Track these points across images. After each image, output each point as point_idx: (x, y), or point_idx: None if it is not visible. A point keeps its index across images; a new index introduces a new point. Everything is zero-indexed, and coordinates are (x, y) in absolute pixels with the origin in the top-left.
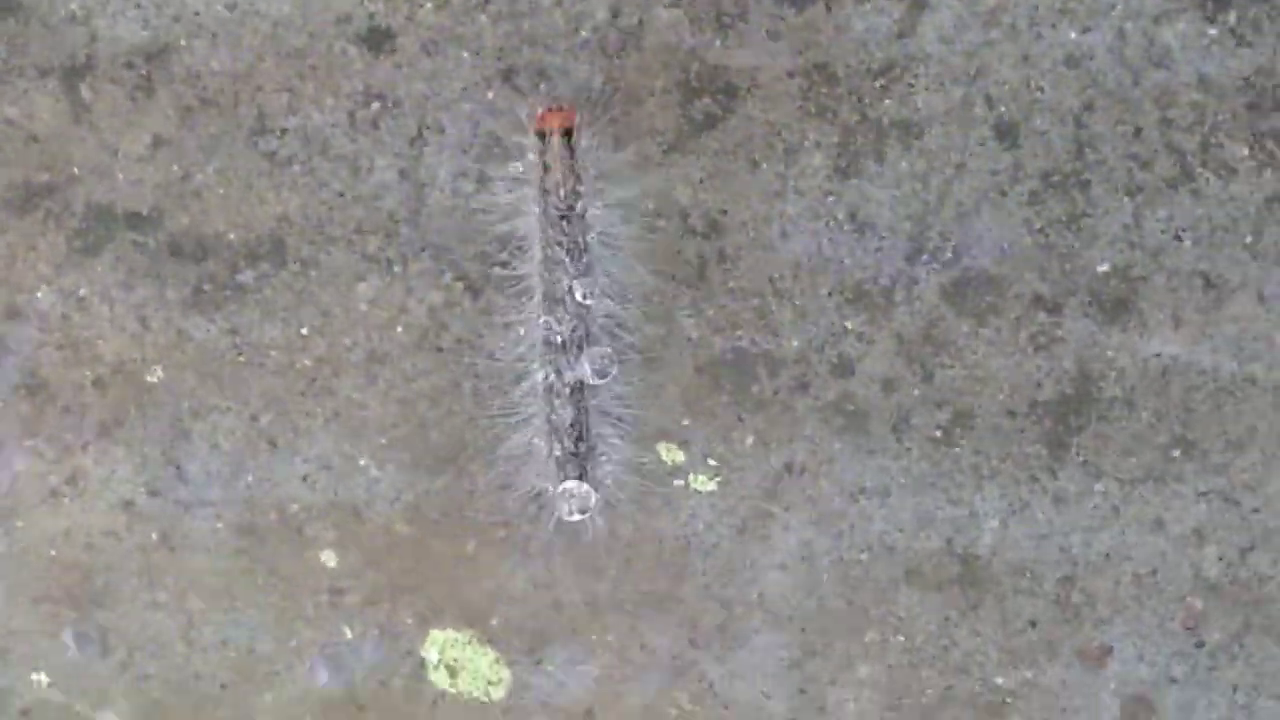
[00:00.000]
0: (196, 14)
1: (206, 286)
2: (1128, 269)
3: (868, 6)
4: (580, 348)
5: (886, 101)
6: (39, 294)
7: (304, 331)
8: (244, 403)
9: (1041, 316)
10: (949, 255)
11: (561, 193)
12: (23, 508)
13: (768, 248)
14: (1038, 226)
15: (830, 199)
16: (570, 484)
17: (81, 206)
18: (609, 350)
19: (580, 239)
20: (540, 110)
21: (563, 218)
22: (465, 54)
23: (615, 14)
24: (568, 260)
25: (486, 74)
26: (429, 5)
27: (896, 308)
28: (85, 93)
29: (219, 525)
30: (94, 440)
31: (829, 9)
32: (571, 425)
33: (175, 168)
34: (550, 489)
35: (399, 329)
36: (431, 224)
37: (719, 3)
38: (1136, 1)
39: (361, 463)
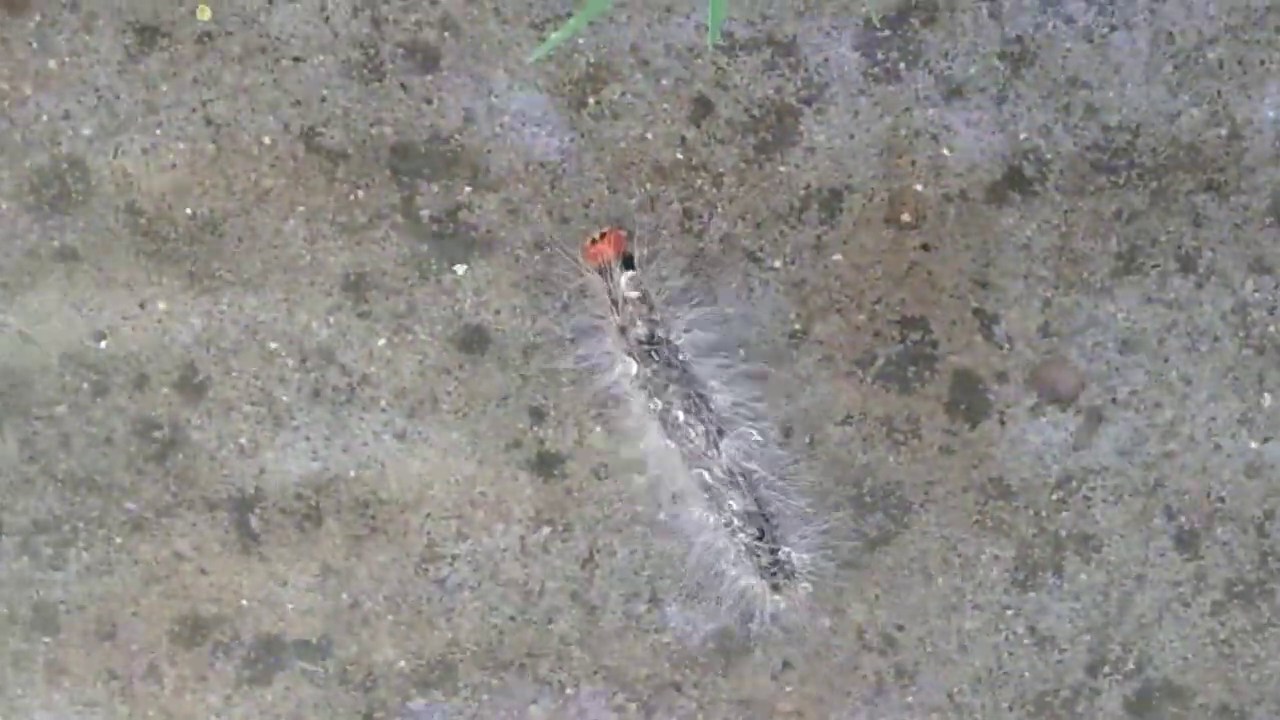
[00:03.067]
0: (365, 445)
1: (378, 715)
2: None
3: (1043, 420)
4: (716, 440)
5: (1064, 514)
6: None
7: None
8: None
9: None
10: (1131, 666)
11: (639, 325)
12: None
13: (946, 662)
14: (1222, 637)
15: (1009, 612)
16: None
17: (250, 637)
18: (747, 430)
19: (673, 359)
20: (590, 242)
21: (648, 347)
22: (635, 476)
23: (787, 433)
24: (669, 385)
25: (658, 496)
26: (597, 430)
27: None
28: (254, 524)
29: None
30: None
31: (1003, 423)
32: (749, 513)
33: (344, 596)
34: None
35: None
36: (604, 646)
37: (891, 419)
38: None
39: None
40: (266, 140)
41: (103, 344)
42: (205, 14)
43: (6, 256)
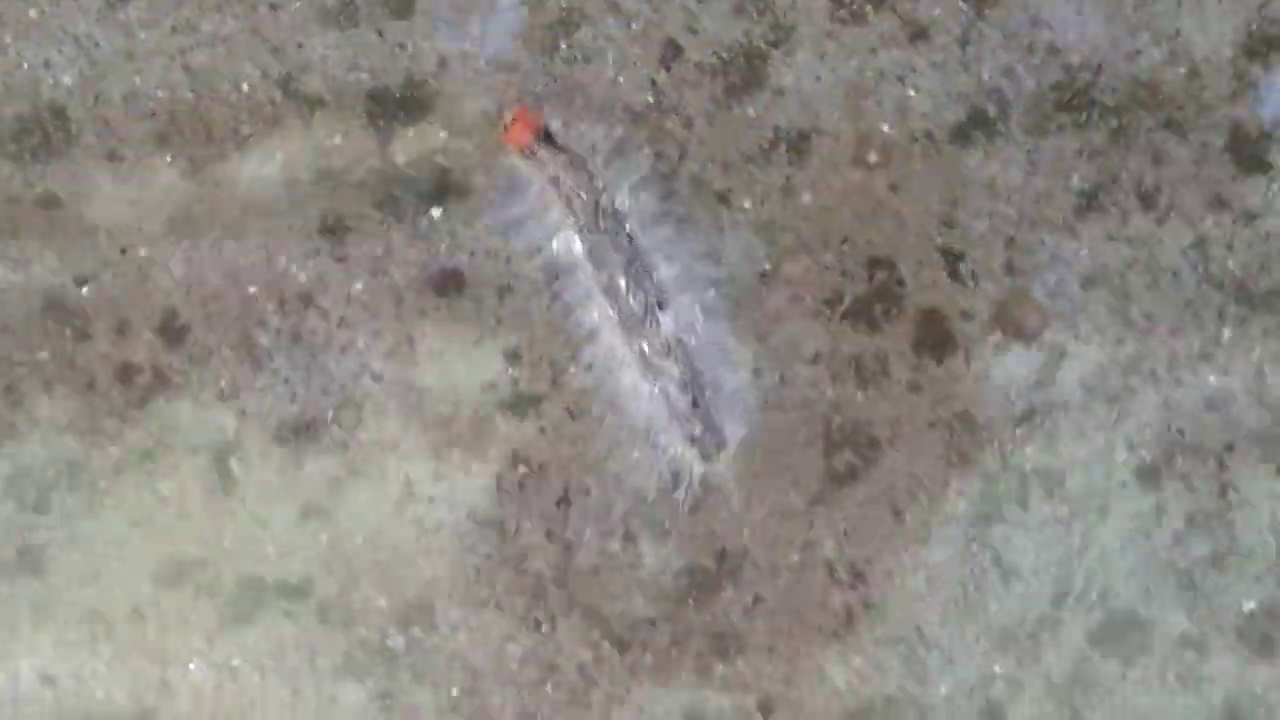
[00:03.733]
0: (343, 387)
1: (357, 653)
2: (1274, 607)
3: (1008, 356)
4: (656, 311)
5: (1028, 449)
6: (191, 666)
7: (454, 693)
8: None
9: (1189, 656)
10: (1094, 598)
11: (582, 194)
12: None
13: (913, 595)
14: (1182, 566)
15: (974, 545)
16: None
17: (232, 578)
18: (687, 301)
19: (618, 229)
20: (503, 129)
21: (594, 218)
22: (609, 415)
23: (757, 373)
24: (613, 254)
25: (632, 432)
26: (572, 370)
27: (1044, 651)
28: (235, 467)
29: None
30: None
31: (968, 361)
32: (683, 383)
33: (324, 537)
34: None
35: (549, 687)
36: (579, 583)
37: (859, 358)
38: (1276, 345)
39: None
40: (245, 87)
41: (84, 290)
42: None
43: None
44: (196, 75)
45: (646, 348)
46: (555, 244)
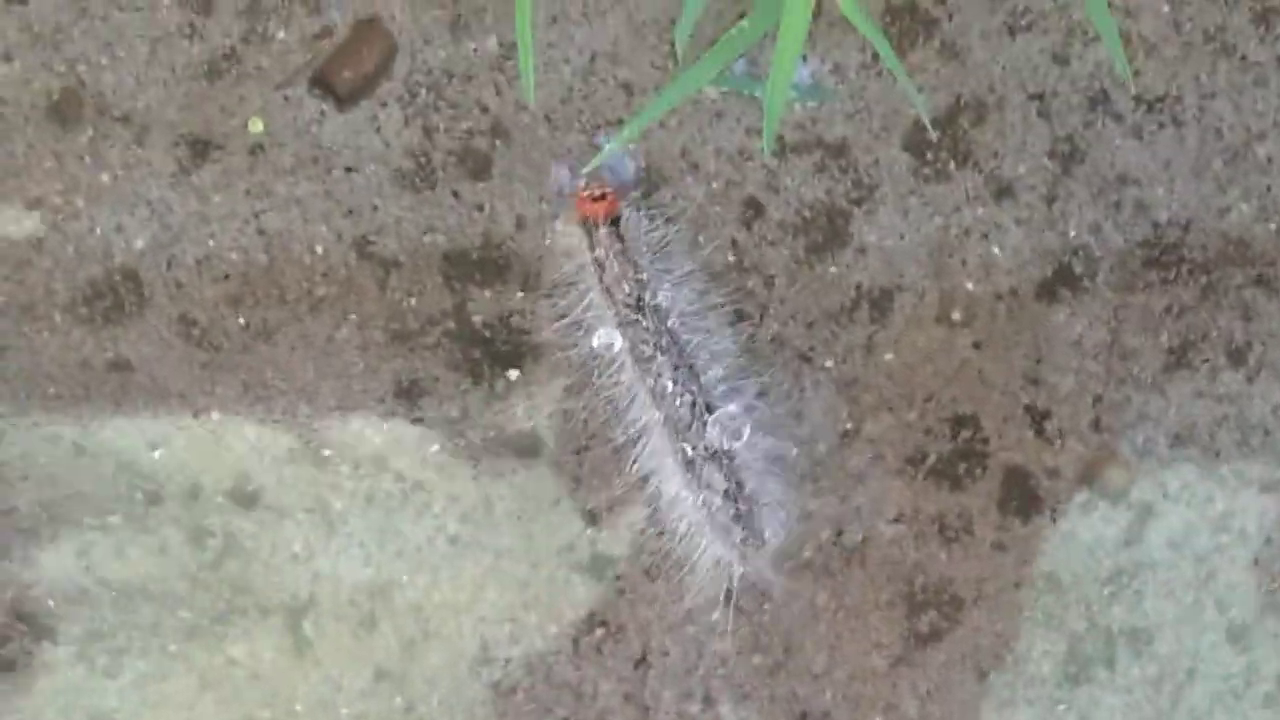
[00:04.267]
0: (419, 549)
1: None
2: None
3: (1095, 515)
4: (704, 414)
5: (1115, 608)
6: None
7: None
8: None
9: None
10: None
11: (625, 286)
12: None
13: None
14: None
15: (1061, 707)
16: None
17: None
18: (734, 410)
19: (660, 325)
20: (582, 196)
21: (634, 311)
22: (687, 577)
23: (839, 531)
24: (658, 355)
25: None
26: (650, 530)
27: None
28: (308, 629)
29: None
30: None
31: (1054, 519)
32: (725, 492)
33: (398, 700)
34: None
35: None
36: None
37: (943, 516)
38: None
39: None
40: (319, 249)
41: (156, 454)
42: (258, 126)
43: (61, 368)
44: (270, 238)
45: (691, 452)
46: (596, 340)
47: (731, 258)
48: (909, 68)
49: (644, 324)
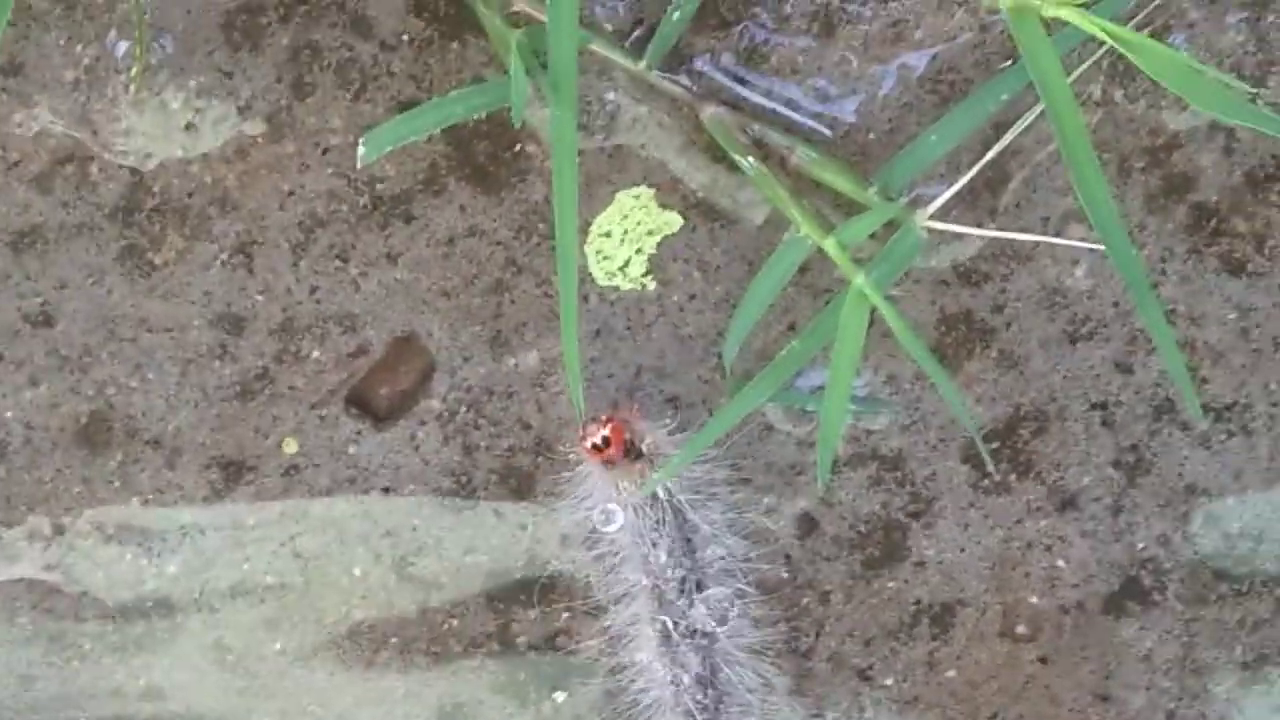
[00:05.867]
0: None
1: None
2: None
3: None
4: (693, 592)
5: None
6: None
7: None
8: None
9: None
10: None
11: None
12: None
13: None
14: None
15: None
16: None
17: None
18: (726, 591)
19: (668, 517)
20: (591, 448)
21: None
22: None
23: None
24: (663, 541)
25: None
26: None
27: None
28: None
29: None
30: None
31: None
32: (699, 678)
33: None
34: None
35: None
36: None
37: None
38: None
39: None
40: (357, 572)
41: None
42: (292, 447)
43: (92, 698)
44: (307, 561)
45: (672, 626)
46: (595, 514)
47: (785, 574)
48: (965, 378)
49: (651, 516)
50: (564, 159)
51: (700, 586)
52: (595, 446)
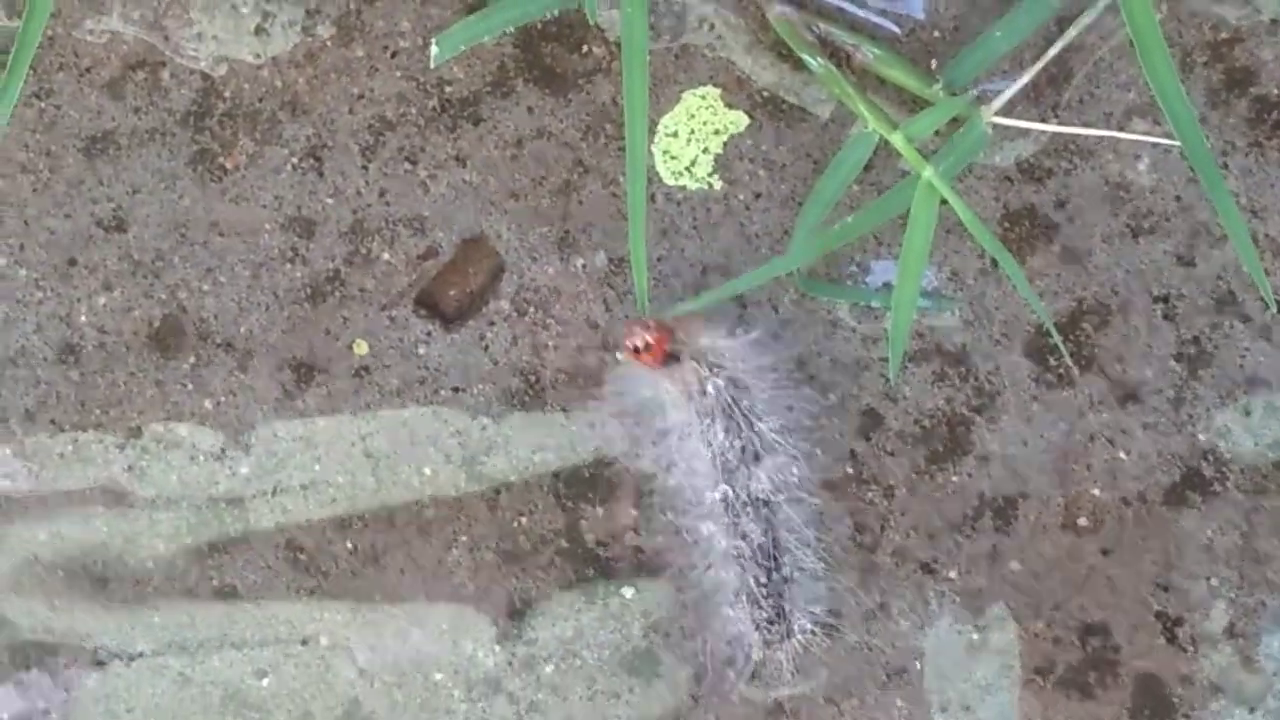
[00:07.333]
0: None
1: None
2: None
3: None
4: (752, 461)
5: None
6: None
7: None
8: None
9: None
10: None
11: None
12: None
13: None
14: None
15: None
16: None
17: None
18: (786, 461)
19: (733, 406)
20: (633, 350)
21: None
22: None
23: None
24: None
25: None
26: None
27: None
28: None
29: None
30: None
31: None
32: (760, 548)
33: None
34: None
35: None
36: None
37: None
38: None
39: None
40: (427, 471)
41: (265, 681)
42: (362, 349)
43: (165, 597)
44: (378, 460)
45: (733, 494)
46: (653, 407)
47: (850, 470)
48: (1029, 273)
49: (718, 409)
50: (635, 58)
51: (758, 458)
52: (636, 349)
